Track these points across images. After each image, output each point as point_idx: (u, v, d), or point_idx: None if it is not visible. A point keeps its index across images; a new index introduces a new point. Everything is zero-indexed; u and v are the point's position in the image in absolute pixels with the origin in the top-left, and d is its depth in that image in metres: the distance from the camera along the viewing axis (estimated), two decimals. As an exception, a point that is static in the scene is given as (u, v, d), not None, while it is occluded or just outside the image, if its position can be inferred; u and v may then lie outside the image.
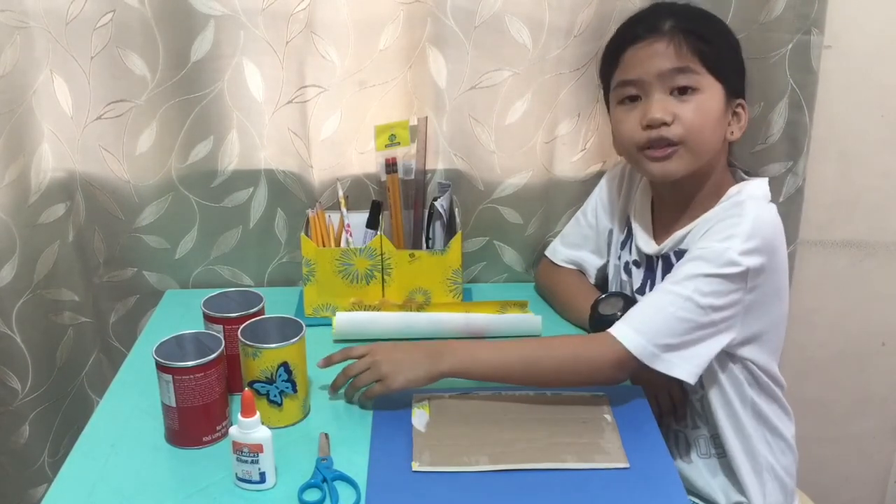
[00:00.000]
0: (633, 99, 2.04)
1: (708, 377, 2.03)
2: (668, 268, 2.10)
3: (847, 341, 2.77)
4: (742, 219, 1.93)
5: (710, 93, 1.98)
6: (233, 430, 1.74)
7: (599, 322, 2.21)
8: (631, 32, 2.05)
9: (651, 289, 2.19)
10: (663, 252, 2.14)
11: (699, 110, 1.98)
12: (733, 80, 2.04)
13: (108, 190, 2.46)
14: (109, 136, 2.39)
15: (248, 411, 1.72)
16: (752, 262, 1.89)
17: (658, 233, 2.20)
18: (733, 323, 1.92)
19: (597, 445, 1.85)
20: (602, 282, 2.43)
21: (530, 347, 2.02)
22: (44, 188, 2.40)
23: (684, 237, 2.08)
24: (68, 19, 2.27)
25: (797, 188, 2.49)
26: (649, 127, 2.00)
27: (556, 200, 2.53)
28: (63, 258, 2.49)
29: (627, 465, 1.80)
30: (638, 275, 2.24)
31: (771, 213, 2.00)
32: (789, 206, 2.49)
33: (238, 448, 1.73)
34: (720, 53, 2.00)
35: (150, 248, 2.53)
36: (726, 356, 2.00)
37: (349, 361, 1.99)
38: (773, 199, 2.41)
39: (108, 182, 2.45)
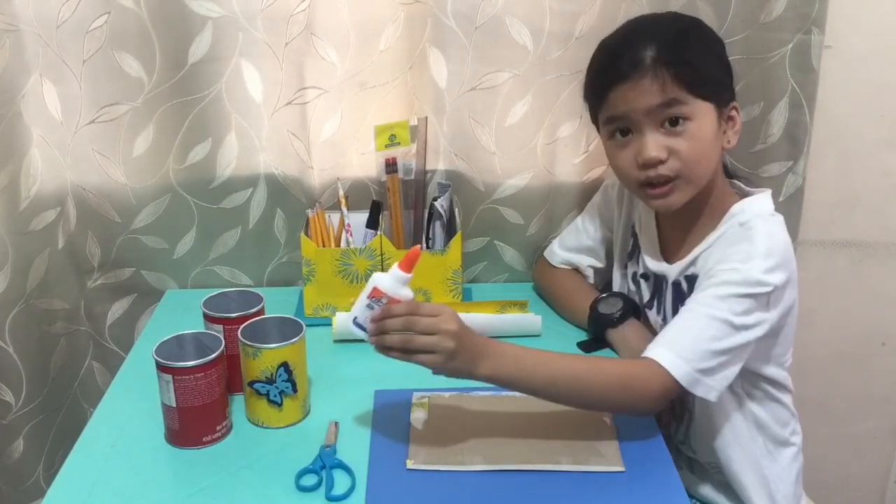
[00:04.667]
0: (625, 133, 1.98)
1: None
2: (678, 294, 2.09)
3: (847, 341, 2.76)
4: (755, 240, 1.91)
5: (702, 117, 1.92)
6: (380, 276, 1.75)
7: (598, 322, 2.21)
8: (614, 70, 1.95)
9: (661, 308, 2.16)
10: (673, 279, 2.09)
11: (693, 140, 1.92)
12: (722, 92, 1.97)
13: (102, 194, 2.45)
14: (105, 140, 2.39)
15: (408, 266, 1.73)
16: (777, 279, 1.86)
17: (665, 248, 2.16)
18: (757, 341, 1.89)
19: (593, 448, 1.85)
20: (600, 284, 2.42)
21: (580, 364, 1.90)
22: (34, 195, 2.36)
23: (694, 261, 2.03)
24: (59, 22, 2.25)
25: (797, 188, 2.48)
26: (645, 166, 1.95)
27: (557, 202, 2.52)
28: (54, 266, 2.46)
29: (623, 469, 1.79)
30: (647, 288, 2.21)
31: (780, 228, 1.98)
32: (789, 206, 2.48)
33: (377, 296, 1.73)
34: (706, 74, 1.93)
35: (148, 248, 2.52)
36: None
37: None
38: (773, 199, 2.41)
39: (103, 186, 2.44)
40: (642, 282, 2.22)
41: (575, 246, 2.41)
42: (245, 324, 1.93)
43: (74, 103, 2.34)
